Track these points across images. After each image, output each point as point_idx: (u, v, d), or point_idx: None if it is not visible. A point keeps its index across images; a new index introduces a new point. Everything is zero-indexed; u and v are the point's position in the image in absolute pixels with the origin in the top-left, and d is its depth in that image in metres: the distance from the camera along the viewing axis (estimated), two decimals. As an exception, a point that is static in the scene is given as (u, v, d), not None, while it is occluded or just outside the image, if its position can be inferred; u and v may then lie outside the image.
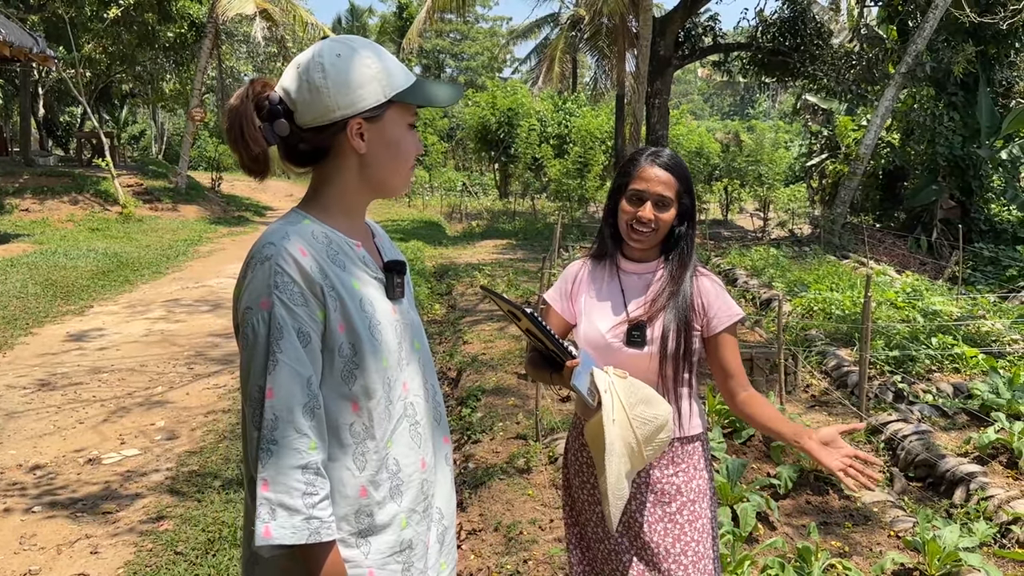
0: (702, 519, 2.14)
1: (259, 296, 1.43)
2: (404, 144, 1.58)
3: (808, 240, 16.22)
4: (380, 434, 1.53)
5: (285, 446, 1.40)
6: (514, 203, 26.26)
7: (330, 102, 1.49)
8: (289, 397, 1.41)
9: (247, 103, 1.50)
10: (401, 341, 1.60)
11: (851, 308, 8.27)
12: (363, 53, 1.53)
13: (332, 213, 1.58)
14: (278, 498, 1.39)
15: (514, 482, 4.51)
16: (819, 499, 4.34)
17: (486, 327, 8.34)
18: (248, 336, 1.44)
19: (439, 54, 55.21)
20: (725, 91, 71.62)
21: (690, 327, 2.10)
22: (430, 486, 1.65)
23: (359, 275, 1.55)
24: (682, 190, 2.11)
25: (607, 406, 1.99)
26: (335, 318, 1.47)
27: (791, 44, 17.71)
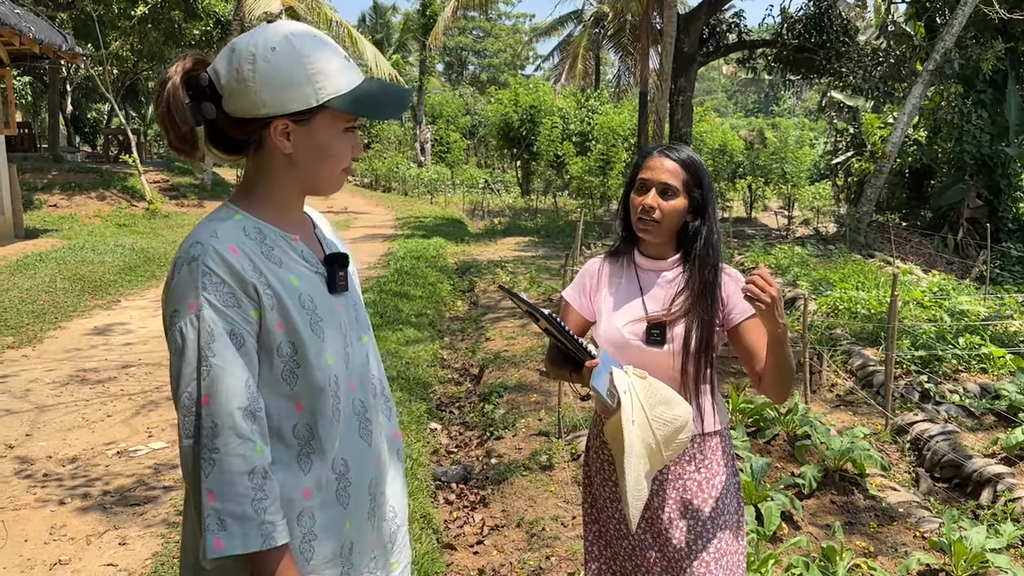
0: (725, 515, 2.13)
1: (186, 298, 1.37)
2: (335, 148, 1.49)
3: (833, 238, 16.09)
4: (326, 433, 1.46)
5: (228, 453, 1.33)
6: (536, 200, 26.25)
7: (256, 98, 1.41)
8: (227, 402, 1.34)
9: (176, 78, 1.42)
10: (347, 336, 1.54)
11: (877, 307, 8.21)
12: (301, 49, 1.42)
13: (265, 207, 1.51)
14: (226, 507, 1.33)
15: (536, 478, 4.52)
16: (844, 499, 4.31)
17: (508, 324, 8.36)
18: (176, 341, 1.37)
19: (462, 51, 55.29)
20: (749, 88, 71.19)
21: (711, 326, 2.10)
22: (379, 485, 1.59)
23: (298, 270, 1.48)
24: (691, 182, 2.09)
25: (626, 407, 1.99)
26: (272, 317, 1.41)
27: (817, 41, 17.54)
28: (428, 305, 9.24)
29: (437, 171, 31.99)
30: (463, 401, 6.37)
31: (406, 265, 11.62)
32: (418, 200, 28.27)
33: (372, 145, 36.73)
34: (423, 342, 7.52)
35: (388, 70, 22.68)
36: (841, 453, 4.45)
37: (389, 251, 13.83)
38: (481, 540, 4.03)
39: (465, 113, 40.80)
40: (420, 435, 5.22)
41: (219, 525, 1.33)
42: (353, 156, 1.54)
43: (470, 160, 40.35)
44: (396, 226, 18.72)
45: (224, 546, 1.32)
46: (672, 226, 2.11)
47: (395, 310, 8.55)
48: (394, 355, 6.79)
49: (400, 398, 5.70)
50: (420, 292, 9.76)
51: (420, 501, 4.13)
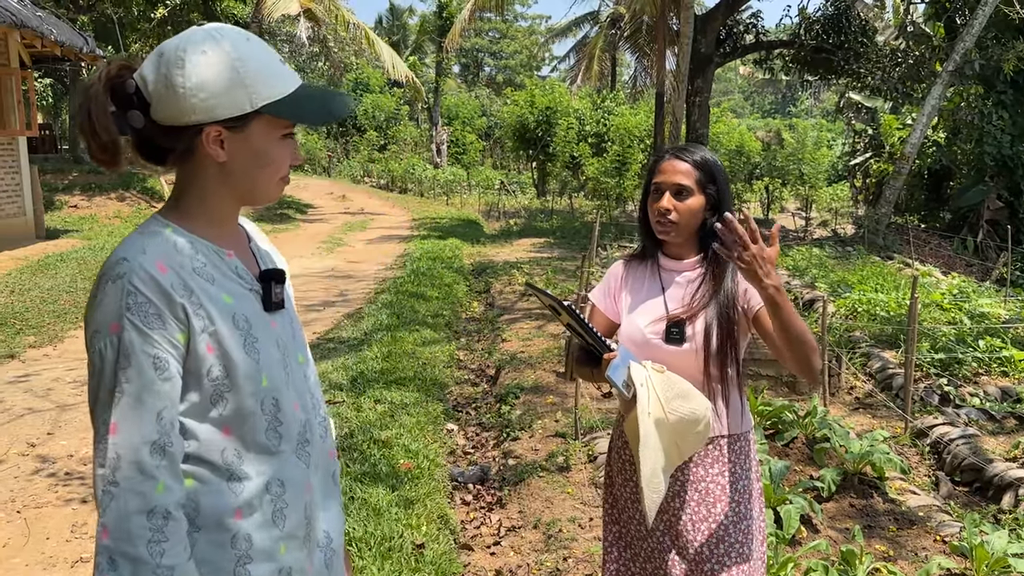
0: (747, 520, 2.12)
1: (109, 319, 1.28)
2: (272, 156, 1.41)
3: (851, 240, 16.00)
4: (257, 458, 1.39)
5: (128, 489, 1.25)
6: (551, 202, 26.24)
7: (186, 104, 1.33)
8: (134, 434, 1.26)
9: (98, 86, 1.34)
10: (285, 356, 1.47)
11: (896, 310, 8.15)
12: (234, 53, 1.35)
13: (197, 220, 1.42)
14: (119, 547, 1.24)
15: (553, 480, 4.52)
16: (863, 502, 4.29)
17: (524, 325, 8.36)
18: (95, 363, 1.29)
19: (478, 53, 55.36)
20: (766, 89, 70.83)
21: (732, 324, 2.09)
22: (315, 509, 1.50)
23: (231, 288, 1.40)
24: (705, 180, 2.10)
25: (642, 399, 2.01)
26: (202, 339, 1.33)
27: (835, 42, 17.44)
28: (444, 306, 9.26)
29: (453, 172, 32.04)
30: (479, 402, 6.37)
31: (422, 266, 11.64)
32: (434, 201, 28.32)
33: (388, 147, 36.83)
34: (439, 343, 7.53)
35: (405, 71, 22.75)
36: (860, 456, 4.43)
37: (405, 252, 13.87)
38: (498, 541, 4.03)
39: (481, 114, 40.86)
40: (437, 435, 5.23)
41: (110, 565, 1.24)
42: (292, 164, 1.46)
43: (486, 161, 40.39)
44: (412, 227, 18.75)
45: None
46: (690, 225, 2.12)
47: (411, 311, 8.57)
48: (410, 356, 6.81)
49: (417, 398, 5.71)
50: (436, 293, 9.77)
51: (437, 501, 4.14)
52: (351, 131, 39.06)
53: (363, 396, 5.66)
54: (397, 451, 4.65)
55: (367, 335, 7.57)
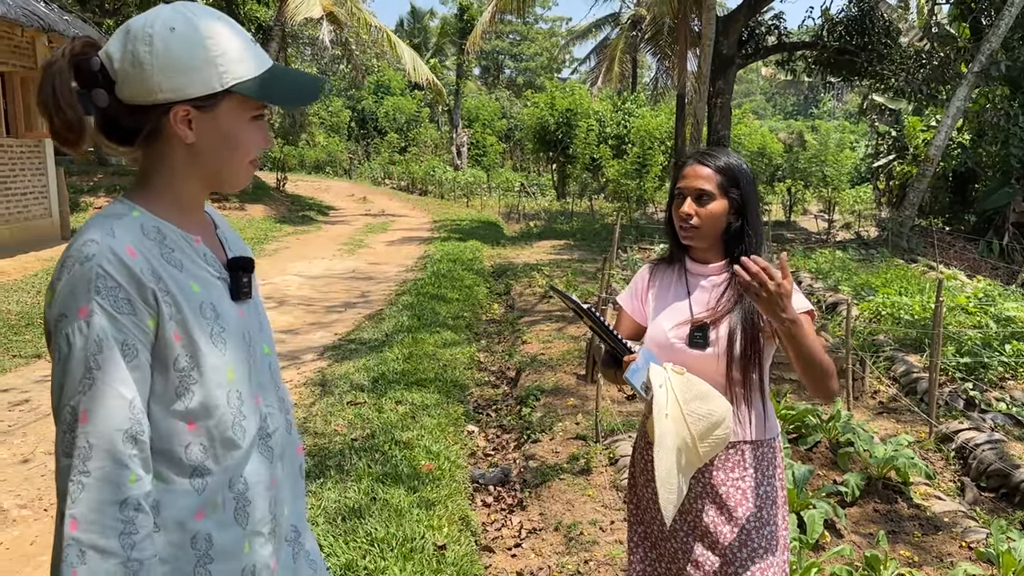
0: (770, 526, 2.11)
1: (77, 302, 1.23)
2: (242, 138, 1.38)
3: (875, 243, 15.86)
4: (222, 453, 1.35)
5: (101, 479, 1.20)
6: (571, 203, 26.22)
7: (153, 82, 1.29)
8: (107, 421, 1.21)
9: (62, 62, 1.29)
10: (252, 348, 1.43)
11: (920, 313, 8.07)
12: (204, 30, 1.31)
13: (164, 204, 1.37)
14: (89, 539, 1.19)
15: (574, 482, 4.51)
16: (887, 507, 4.25)
17: (544, 327, 8.35)
18: (62, 348, 1.23)
19: (498, 55, 55.41)
20: (788, 90, 70.39)
21: (756, 329, 2.08)
22: (280, 504, 1.47)
23: (199, 275, 1.37)
24: (727, 184, 2.09)
25: (659, 400, 2.02)
26: (170, 327, 1.29)
27: (858, 43, 17.32)
28: (465, 308, 9.27)
29: (473, 174, 32.10)
30: (500, 404, 6.37)
31: (443, 268, 11.67)
32: (454, 203, 28.38)
33: (409, 149, 36.95)
34: (460, 344, 7.54)
35: (426, 74, 22.81)
36: (885, 461, 4.39)
37: (426, 254, 13.91)
38: (519, 543, 4.03)
39: (501, 116, 40.90)
40: (457, 437, 5.24)
41: (79, 558, 1.19)
42: (263, 148, 1.43)
43: (506, 163, 40.43)
44: (432, 229, 18.80)
45: None
46: (713, 229, 2.12)
47: (432, 313, 8.58)
48: (431, 357, 6.82)
49: (437, 400, 5.72)
50: (457, 295, 9.79)
51: (458, 503, 4.14)
52: (372, 133, 39.24)
53: (384, 397, 5.68)
54: (418, 452, 4.66)
55: (388, 336, 7.59)
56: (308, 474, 4.37)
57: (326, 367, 6.74)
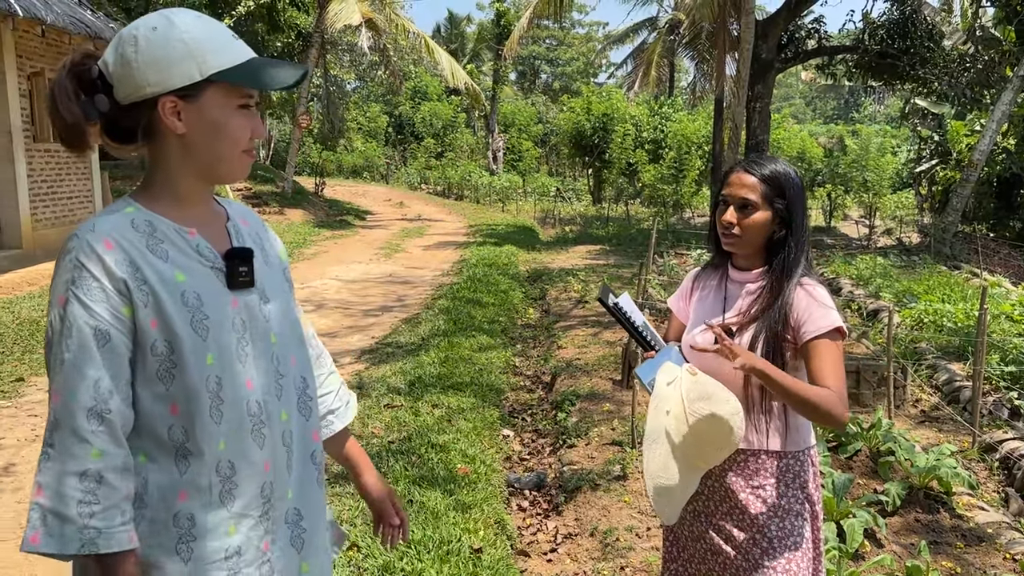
0: (794, 537, 2.09)
1: (58, 291, 1.36)
2: (230, 126, 1.46)
3: (917, 249, 15.61)
4: (205, 436, 1.41)
5: (63, 451, 1.31)
6: (607, 208, 26.16)
7: (140, 78, 1.40)
8: (70, 399, 1.32)
9: (62, 72, 1.43)
10: (245, 335, 1.48)
11: (964, 321, 7.93)
12: (182, 26, 1.42)
13: (161, 199, 1.48)
14: (50, 505, 1.30)
15: (610, 488, 4.51)
16: (929, 517, 4.18)
17: (580, 332, 8.34)
18: (47, 332, 1.38)
19: (535, 60, 55.46)
20: (828, 94, 69.59)
21: (780, 339, 2.06)
22: (276, 488, 1.52)
23: (187, 265, 1.44)
24: (771, 194, 2.08)
25: (658, 396, 2.06)
26: (145, 314, 1.37)
27: (900, 46, 17.07)
28: (500, 312, 9.30)
29: (509, 179, 32.18)
30: (535, 408, 6.38)
31: (479, 272, 11.71)
32: (490, 208, 28.45)
33: (445, 154, 37.15)
34: (495, 349, 7.57)
35: (464, 78, 22.92)
36: (927, 470, 4.32)
37: (462, 258, 13.96)
38: (555, 548, 4.04)
39: (537, 121, 40.94)
40: (493, 441, 5.26)
41: (40, 520, 1.30)
42: (254, 137, 1.50)
43: (541, 168, 40.44)
44: (468, 233, 18.87)
45: (40, 543, 1.30)
46: (755, 239, 2.11)
47: (468, 317, 8.62)
48: (467, 361, 6.85)
49: (473, 404, 5.75)
50: (492, 299, 9.82)
51: (494, 507, 4.16)
52: (409, 139, 39.51)
53: (420, 401, 5.72)
54: (454, 456, 4.69)
55: (424, 340, 7.64)
56: (345, 475, 4.41)
57: (363, 370, 6.80)
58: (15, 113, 11.23)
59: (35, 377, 6.46)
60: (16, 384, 6.25)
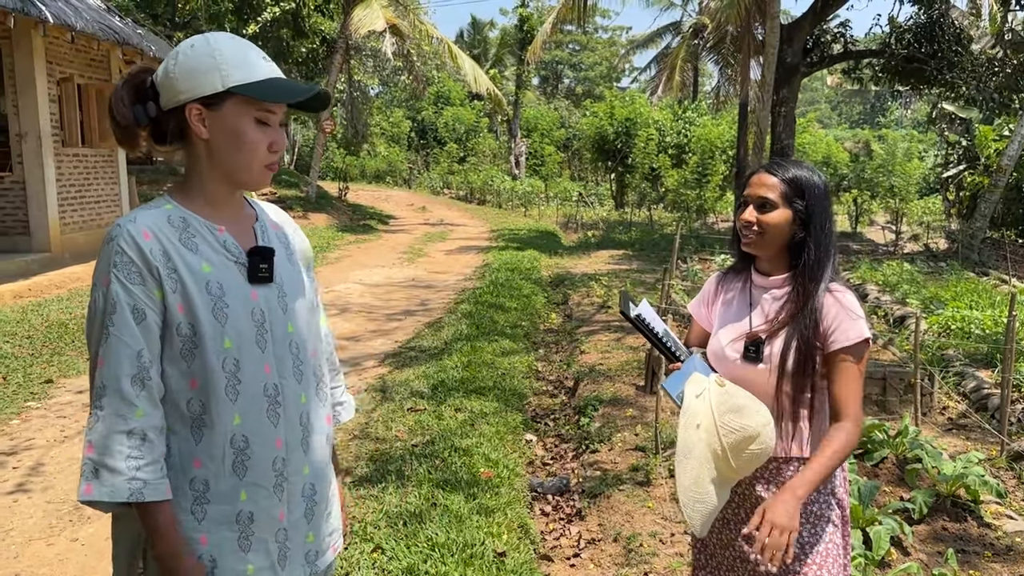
0: (825, 543, 2.08)
1: (101, 274, 1.55)
2: (247, 136, 1.62)
3: (944, 255, 15.44)
4: (220, 411, 1.58)
5: (111, 412, 1.49)
6: (630, 213, 26.10)
7: (176, 86, 1.60)
8: (117, 367, 1.51)
9: (121, 83, 1.65)
10: (264, 323, 1.64)
11: (992, 328, 7.84)
12: (215, 46, 1.61)
13: (194, 199, 1.66)
14: (101, 460, 1.48)
15: (633, 493, 4.49)
16: (956, 526, 4.13)
17: (602, 337, 8.33)
18: (91, 308, 1.56)
19: (557, 65, 55.50)
20: (854, 99, 69.09)
21: (811, 346, 2.04)
22: (290, 464, 1.68)
23: (213, 258, 1.61)
24: (791, 194, 2.07)
25: (688, 409, 2.05)
26: (173, 299, 1.56)
27: (927, 50, 16.89)
28: (523, 317, 9.30)
29: (531, 184, 32.20)
30: (558, 413, 6.38)
31: (501, 277, 11.72)
32: (512, 212, 28.48)
33: (468, 159, 37.24)
34: (518, 353, 7.57)
35: (487, 84, 22.97)
36: (954, 478, 4.27)
37: (484, 263, 13.99)
38: (578, 553, 4.03)
39: (560, 126, 40.94)
40: (516, 445, 5.26)
41: (93, 474, 1.48)
42: (272, 150, 1.65)
43: (564, 173, 40.42)
44: (491, 238, 18.90)
45: (93, 493, 1.48)
46: (775, 239, 2.10)
47: (491, 321, 8.63)
48: (489, 366, 6.86)
49: (496, 408, 5.75)
50: (515, 304, 9.83)
51: (517, 511, 4.16)
52: (432, 143, 39.65)
53: (443, 404, 5.73)
54: (477, 459, 4.70)
55: (447, 344, 7.67)
56: (370, 478, 4.44)
57: (387, 374, 6.83)
58: (44, 118, 11.40)
59: (64, 379, 6.55)
60: (45, 386, 6.34)
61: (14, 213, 11.58)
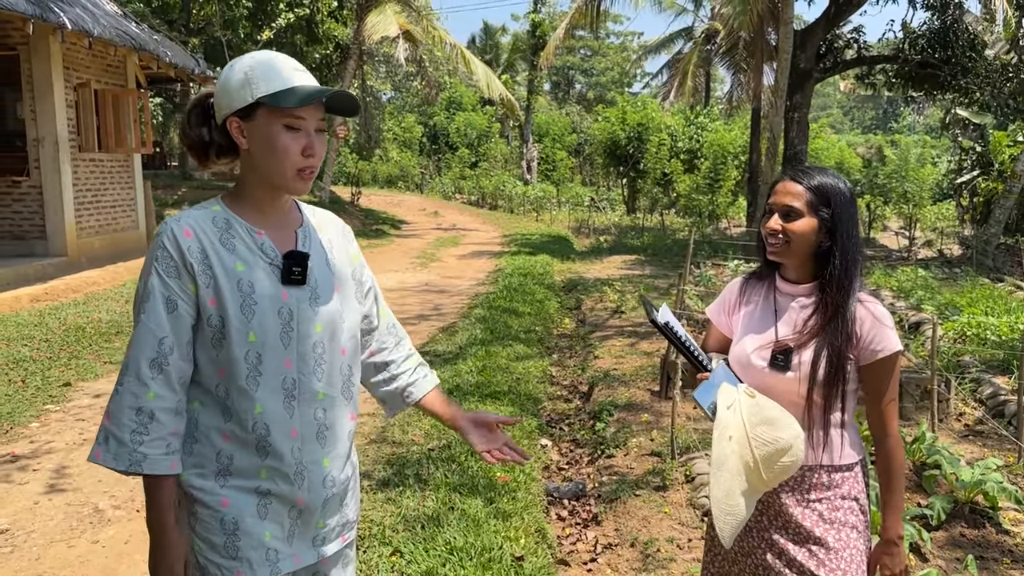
0: (850, 549, 2.07)
1: (146, 264, 1.70)
2: (278, 142, 1.71)
3: (958, 261, 15.37)
4: (242, 399, 1.71)
5: (126, 390, 1.65)
6: (642, 218, 26.09)
7: (220, 103, 1.75)
8: (139, 350, 1.65)
9: (190, 105, 1.83)
10: (291, 322, 1.75)
11: (1008, 334, 7.80)
12: (249, 63, 1.74)
13: (242, 203, 1.79)
14: (111, 429, 1.64)
15: (650, 499, 4.50)
16: (975, 532, 4.12)
17: (616, 342, 8.33)
18: (135, 297, 1.72)
19: (569, 70, 55.57)
20: (866, 104, 68.87)
21: (843, 356, 2.04)
22: (307, 453, 1.79)
23: (249, 259, 1.74)
24: (817, 202, 2.06)
25: (721, 421, 2.04)
26: (206, 293, 1.68)
27: (941, 56, 16.86)
28: (536, 322, 9.31)
29: (543, 189, 32.22)
30: (572, 418, 6.38)
31: (514, 282, 11.74)
32: (524, 217, 28.50)
33: (479, 164, 37.31)
34: (532, 358, 7.58)
35: (500, 90, 23.01)
36: (972, 485, 4.26)
37: (497, 268, 14.01)
38: (594, 558, 4.04)
39: (571, 131, 40.98)
40: (532, 450, 5.27)
41: (104, 440, 1.65)
42: (305, 155, 1.74)
43: (575, 178, 40.44)
44: (503, 243, 18.93)
45: (100, 458, 1.65)
46: (802, 247, 2.09)
47: (504, 326, 8.65)
48: (504, 370, 6.87)
49: (511, 412, 5.77)
50: (528, 309, 9.84)
51: (534, 515, 4.17)
52: (443, 148, 39.75)
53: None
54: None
55: (462, 349, 7.68)
56: (387, 482, 4.46)
57: (402, 378, 6.84)
58: (62, 124, 11.50)
59: (82, 382, 6.60)
60: (64, 389, 6.40)
61: (31, 217, 11.68)
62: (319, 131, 1.77)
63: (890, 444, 2.10)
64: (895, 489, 2.11)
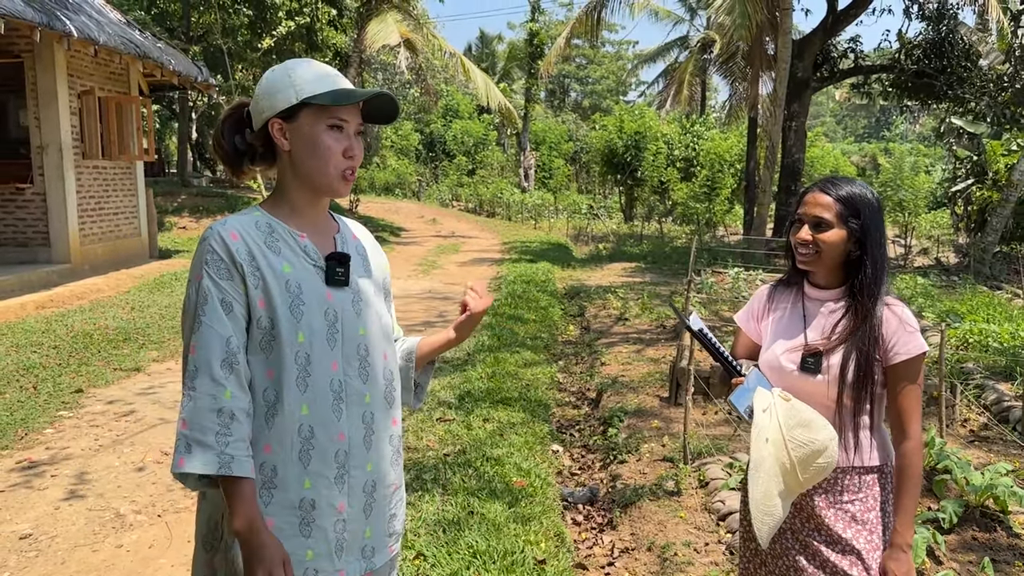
0: (879, 551, 2.13)
1: (196, 270, 1.71)
2: (321, 143, 1.75)
3: (956, 269, 15.48)
4: (290, 401, 1.71)
5: (202, 393, 1.62)
6: (640, 226, 26.18)
7: (260, 106, 1.78)
8: (208, 352, 1.64)
9: (223, 115, 1.87)
10: (336, 323, 1.78)
11: (1010, 341, 7.89)
12: (290, 68, 1.78)
13: (281, 207, 1.82)
14: (193, 435, 1.61)
15: (664, 504, 4.55)
16: (986, 535, 4.18)
17: (622, 349, 8.39)
18: (186, 301, 1.71)
19: (564, 79, 55.73)
20: (859, 113, 69.19)
21: (871, 359, 2.10)
22: (352, 457, 1.79)
23: (294, 261, 1.76)
24: (847, 213, 2.11)
25: (759, 424, 2.09)
26: (255, 294, 1.70)
27: (937, 66, 16.99)
28: (542, 328, 9.37)
29: (540, 197, 32.31)
30: (582, 424, 6.44)
31: (517, 289, 11.80)
32: (522, 225, 28.58)
33: (477, 171, 37.40)
34: (540, 364, 7.64)
35: (499, 98, 23.09)
36: (983, 489, 4.32)
37: (499, 275, 14.06)
38: (612, 562, 4.09)
39: (568, 139, 41.12)
40: (544, 456, 5.32)
41: (185, 448, 1.61)
42: (347, 155, 1.78)
43: (572, 186, 40.55)
44: (503, 250, 18.98)
45: (186, 465, 1.61)
46: (831, 257, 2.15)
47: (511, 333, 8.70)
48: (513, 376, 6.92)
49: (523, 419, 5.82)
50: (533, 315, 9.90)
51: (552, 520, 4.22)
52: (440, 156, 39.82)
53: (472, 415, 5.80)
54: (509, 469, 4.76)
55: (470, 355, 7.74)
56: (407, 486, 4.49)
57: (411, 384, 6.88)
58: (65, 131, 11.53)
59: (93, 388, 6.63)
60: (76, 395, 6.42)
61: (35, 224, 11.70)
62: (358, 134, 1.81)
63: (909, 447, 2.12)
64: (910, 492, 2.10)
